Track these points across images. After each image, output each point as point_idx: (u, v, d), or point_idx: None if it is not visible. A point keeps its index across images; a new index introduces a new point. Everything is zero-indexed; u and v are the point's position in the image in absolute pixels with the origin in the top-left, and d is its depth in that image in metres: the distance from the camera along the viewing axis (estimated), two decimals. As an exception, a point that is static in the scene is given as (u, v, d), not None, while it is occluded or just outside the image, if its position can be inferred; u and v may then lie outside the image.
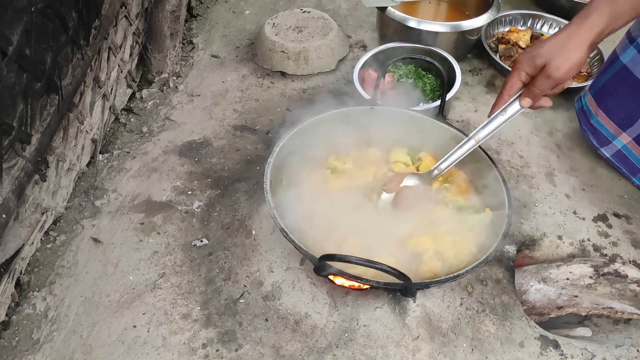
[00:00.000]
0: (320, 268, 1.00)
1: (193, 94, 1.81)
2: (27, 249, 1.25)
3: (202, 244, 1.32)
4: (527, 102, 1.09)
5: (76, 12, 1.24)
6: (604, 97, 1.44)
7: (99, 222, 1.39)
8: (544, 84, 1.05)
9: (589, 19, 1.01)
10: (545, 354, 1.13)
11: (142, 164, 1.54)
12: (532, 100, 1.09)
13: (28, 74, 1.06)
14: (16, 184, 1.09)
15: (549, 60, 1.02)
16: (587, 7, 1.03)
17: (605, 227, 1.40)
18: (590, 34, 1.01)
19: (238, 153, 1.58)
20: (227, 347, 1.13)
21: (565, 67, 1.02)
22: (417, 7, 1.99)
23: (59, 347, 1.14)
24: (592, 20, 1.01)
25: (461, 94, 1.76)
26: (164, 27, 1.78)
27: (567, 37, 1.02)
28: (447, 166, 1.20)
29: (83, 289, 1.24)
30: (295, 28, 1.87)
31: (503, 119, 1.13)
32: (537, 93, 1.07)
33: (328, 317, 1.15)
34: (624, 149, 1.45)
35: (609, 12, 1.00)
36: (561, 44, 1.02)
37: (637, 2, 1.00)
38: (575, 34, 1.02)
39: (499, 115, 1.13)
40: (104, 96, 1.56)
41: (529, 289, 1.23)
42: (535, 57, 1.03)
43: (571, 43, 1.01)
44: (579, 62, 1.02)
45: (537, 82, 1.05)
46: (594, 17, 1.01)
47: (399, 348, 1.11)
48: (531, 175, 1.52)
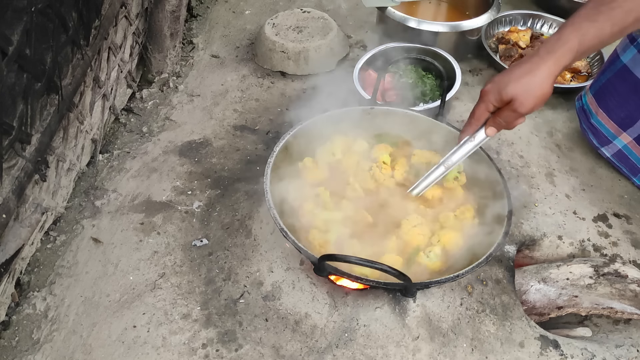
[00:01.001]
0: (320, 268, 1.00)
1: (193, 94, 1.81)
2: (27, 249, 1.25)
3: (202, 244, 1.32)
4: (492, 131, 1.11)
5: (76, 12, 1.25)
6: (605, 96, 1.44)
7: (99, 222, 1.39)
8: (509, 116, 1.06)
9: (556, 53, 1.01)
10: (545, 354, 1.13)
11: (142, 164, 1.54)
12: (497, 129, 1.11)
13: (28, 74, 1.06)
14: (16, 184, 1.09)
15: (515, 96, 1.02)
16: (553, 40, 1.02)
17: (605, 227, 1.40)
18: (556, 68, 1.01)
19: (238, 153, 1.58)
20: (227, 347, 1.13)
21: (530, 103, 1.03)
22: (417, 7, 1.99)
23: (59, 347, 1.14)
24: (558, 54, 1.01)
25: (461, 94, 1.76)
26: (164, 27, 1.78)
27: (531, 70, 1.02)
28: (420, 191, 1.21)
29: (83, 289, 1.24)
30: (295, 28, 1.87)
31: (472, 145, 1.15)
32: (502, 124, 1.09)
33: (328, 317, 1.15)
34: (625, 148, 1.45)
35: (576, 45, 1.00)
36: (526, 78, 1.02)
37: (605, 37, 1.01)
38: (539, 67, 1.01)
39: (467, 142, 1.15)
40: (104, 96, 1.56)
41: (529, 289, 1.23)
42: (502, 91, 1.04)
43: (536, 77, 1.01)
44: (544, 96, 1.03)
45: (503, 115, 1.07)
46: (561, 52, 1.01)
47: (399, 348, 1.11)
48: (531, 175, 1.52)
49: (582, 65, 1.84)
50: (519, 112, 1.04)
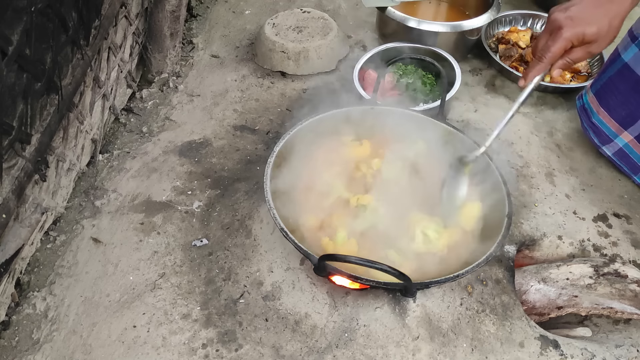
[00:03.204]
0: (320, 268, 1.00)
1: (193, 94, 1.81)
2: (27, 249, 1.25)
3: (202, 244, 1.32)
4: (559, 72, 1.07)
5: (76, 12, 1.24)
6: (606, 95, 1.44)
7: (99, 222, 1.39)
8: (582, 56, 1.04)
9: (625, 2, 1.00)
10: (545, 354, 1.13)
11: (142, 164, 1.54)
12: (564, 70, 1.07)
13: (28, 74, 1.06)
14: (16, 184, 1.09)
15: (596, 38, 1.00)
16: None
17: (605, 227, 1.40)
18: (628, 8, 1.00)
19: (238, 153, 1.58)
20: (227, 347, 1.13)
21: (605, 44, 1.01)
22: (417, 7, 1.99)
23: (59, 347, 1.14)
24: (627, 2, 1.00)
25: (461, 94, 1.75)
26: (164, 27, 1.78)
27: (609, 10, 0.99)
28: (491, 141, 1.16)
29: (83, 289, 1.24)
30: (295, 28, 1.87)
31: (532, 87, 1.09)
32: (570, 64, 1.05)
33: (328, 317, 1.15)
34: (626, 147, 1.45)
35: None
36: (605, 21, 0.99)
37: None
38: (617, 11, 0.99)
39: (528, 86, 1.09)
40: (104, 96, 1.56)
41: (529, 289, 1.23)
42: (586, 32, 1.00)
43: (615, 21, 0.99)
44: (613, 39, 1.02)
45: (575, 54, 1.04)
46: None
47: (399, 348, 1.11)
48: (531, 175, 1.52)
49: (582, 65, 1.84)
50: (593, 52, 1.02)
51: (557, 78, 1.79)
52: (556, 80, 1.78)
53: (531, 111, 1.73)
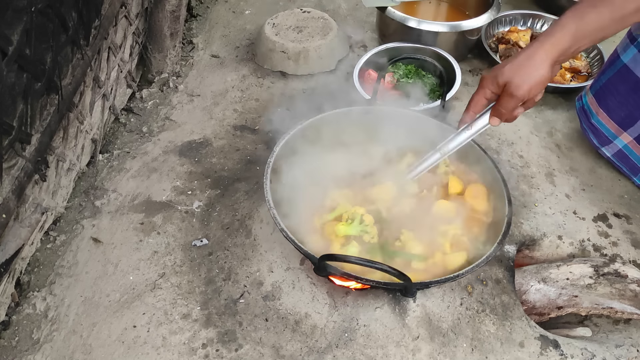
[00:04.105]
0: (320, 268, 1.00)
1: (193, 94, 1.81)
2: (27, 249, 1.25)
3: (202, 244, 1.32)
4: (495, 120, 1.10)
5: (76, 12, 1.24)
6: (605, 96, 1.44)
7: (99, 222, 1.39)
8: (508, 102, 1.05)
9: (553, 37, 1.01)
10: (545, 354, 1.13)
11: (142, 164, 1.54)
12: (500, 118, 1.09)
13: (28, 74, 1.06)
14: (16, 184, 1.09)
15: (509, 79, 1.01)
16: (553, 25, 1.03)
17: (605, 227, 1.40)
18: (553, 52, 1.00)
19: (238, 153, 1.58)
20: (227, 347, 1.13)
21: (526, 85, 1.01)
22: (417, 7, 1.99)
23: (59, 347, 1.14)
24: (556, 37, 1.00)
25: (461, 94, 1.76)
26: (164, 27, 1.78)
27: (529, 55, 1.01)
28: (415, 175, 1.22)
29: (83, 289, 1.24)
30: (295, 28, 1.87)
31: (469, 134, 1.15)
32: (503, 112, 1.08)
33: (328, 317, 1.15)
34: (625, 148, 1.45)
35: (574, 29, 0.99)
36: (522, 62, 1.01)
37: (604, 24, 1.00)
38: (537, 51, 1.01)
39: (465, 130, 1.15)
40: (104, 96, 1.56)
41: (529, 289, 1.23)
42: (497, 76, 1.03)
43: (532, 61, 1.00)
44: (540, 79, 1.01)
45: (502, 101, 1.06)
46: (559, 35, 1.00)
47: (399, 348, 1.11)
48: (531, 175, 1.52)
49: (582, 65, 1.84)
50: (516, 95, 1.02)
51: (557, 78, 1.79)
52: (556, 80, 1.78)
53: (531, 111, 1.73)
